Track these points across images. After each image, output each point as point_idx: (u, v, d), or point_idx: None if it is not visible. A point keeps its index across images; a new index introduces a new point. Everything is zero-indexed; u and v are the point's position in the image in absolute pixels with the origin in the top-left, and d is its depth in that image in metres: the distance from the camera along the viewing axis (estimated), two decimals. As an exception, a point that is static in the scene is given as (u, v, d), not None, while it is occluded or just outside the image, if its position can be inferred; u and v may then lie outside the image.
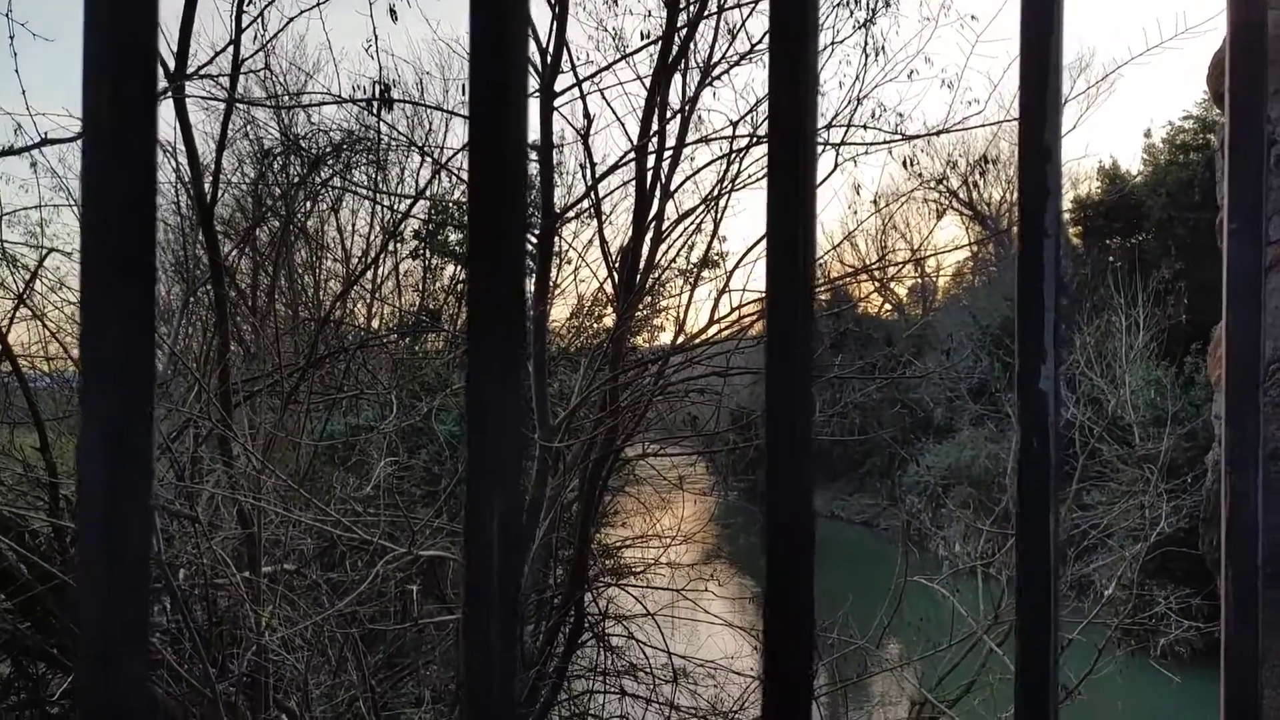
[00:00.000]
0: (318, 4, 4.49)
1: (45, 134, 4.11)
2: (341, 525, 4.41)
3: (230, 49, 4.64)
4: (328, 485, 5.77)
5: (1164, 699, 8.69)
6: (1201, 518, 1.46)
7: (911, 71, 6.49)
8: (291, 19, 4.68)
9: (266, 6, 4.53)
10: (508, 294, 0.52)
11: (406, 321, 11.04)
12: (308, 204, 10.07)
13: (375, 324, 11.03)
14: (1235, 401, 0.66)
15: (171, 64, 4.16)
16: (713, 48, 6.30)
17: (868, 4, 6.24)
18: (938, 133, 6.70)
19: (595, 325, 8.84)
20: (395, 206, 10.08)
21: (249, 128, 9.36)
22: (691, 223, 6.81)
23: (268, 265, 8.72)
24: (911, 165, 6.92)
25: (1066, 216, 21.72)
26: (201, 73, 4.64)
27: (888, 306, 24.23)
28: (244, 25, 4.50)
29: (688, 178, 6.48)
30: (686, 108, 6.07)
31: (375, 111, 5.38)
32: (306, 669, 4.13)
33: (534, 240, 5.25)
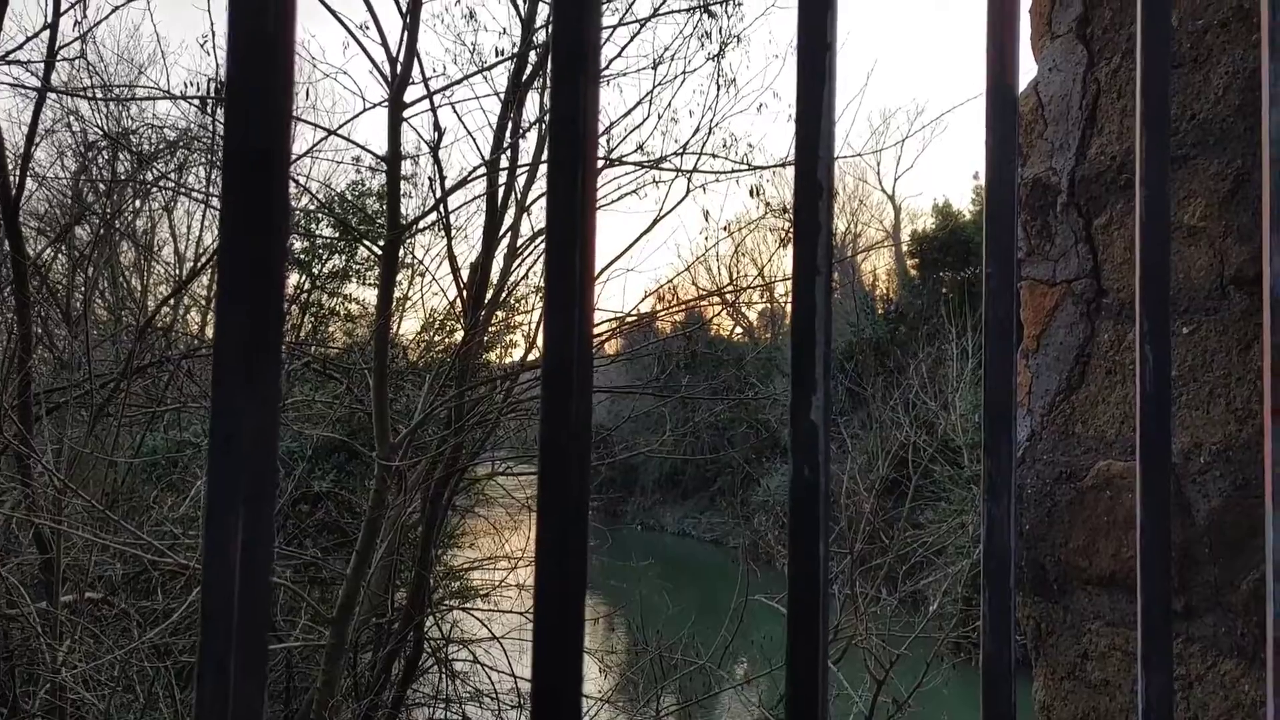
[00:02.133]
0: (146, -6, 4.22)
1: None
2: (155, 549, 4.11)
3: (45, 34, 4.30)
4: (144, 505, 5.38)
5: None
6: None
7: (760, 105, 6.74)
8: (117, 7, 4.38)
9: (88, -9, 4.22)
10: (262, 292, 0.49)
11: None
12: (136, 203, 9.43)
13: (209, 333, 10.43)
14: (991, 433, 0.71)
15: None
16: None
17: (718, 38, 6.46)
18: (783, 164, 6.98)
19: (446, 340, 8.67)
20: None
21: (71, 119, 8.69)
22: (546, 240, 6.78)
23: (86, 266, 8.08)
24: (759, 195, 7.19)
25: (905, 249, 23.06)
26: (11, 58, 4.27)
27: (739, 330, 24.96)
28: (62, 9, 4.18)
29: (542, 194, 6.48)
30: (542, 124, 6.09)
31: (210, 110, 5.10)
32: (109, 708, 3.81)
33: (378, 251, 5.10)
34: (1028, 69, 1.88)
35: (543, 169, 6.51)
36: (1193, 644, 1.25)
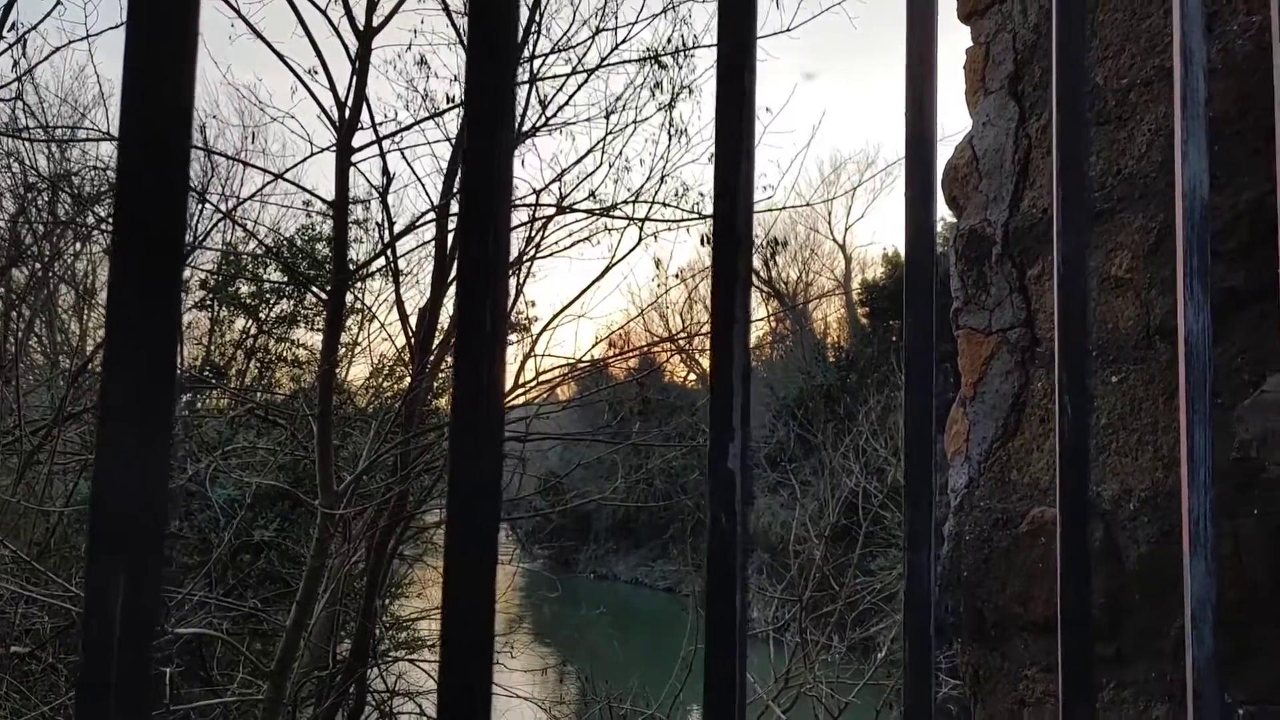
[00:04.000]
0: (87, 36, 4.19)
1: None
2: (82, 601, 3.95)
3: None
4: (77, 555, 5.18)
5: (935, 753, 9.21)
6: (941, 585, 1.58)
7: (712, 154, 6.85)
8: (57, 49, 4.34)
9: (27, 32, 4.18)
10: (156, 339, 0.48)
11: (186, 376, 10.26)
12: (77, 245, 9.24)
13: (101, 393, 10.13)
14: (913, 488, 0.71)
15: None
16: (523, 117, 6.40)
17: (670, 89, 6.59)
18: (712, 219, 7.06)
19: (395, 387, 8.58)
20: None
21: (11, 160, 8.52)
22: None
23: (22, 308, 7.86)
24: (708, 242, 7.27)
25: (856, 297, 23.46)
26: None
27: (692, 376, 25.07)
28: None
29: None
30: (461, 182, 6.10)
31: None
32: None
33: (324, 296, 5.05)
34: (964, 123, 1.94)
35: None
36: (1125, 689, 1.26)
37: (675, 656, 6.92)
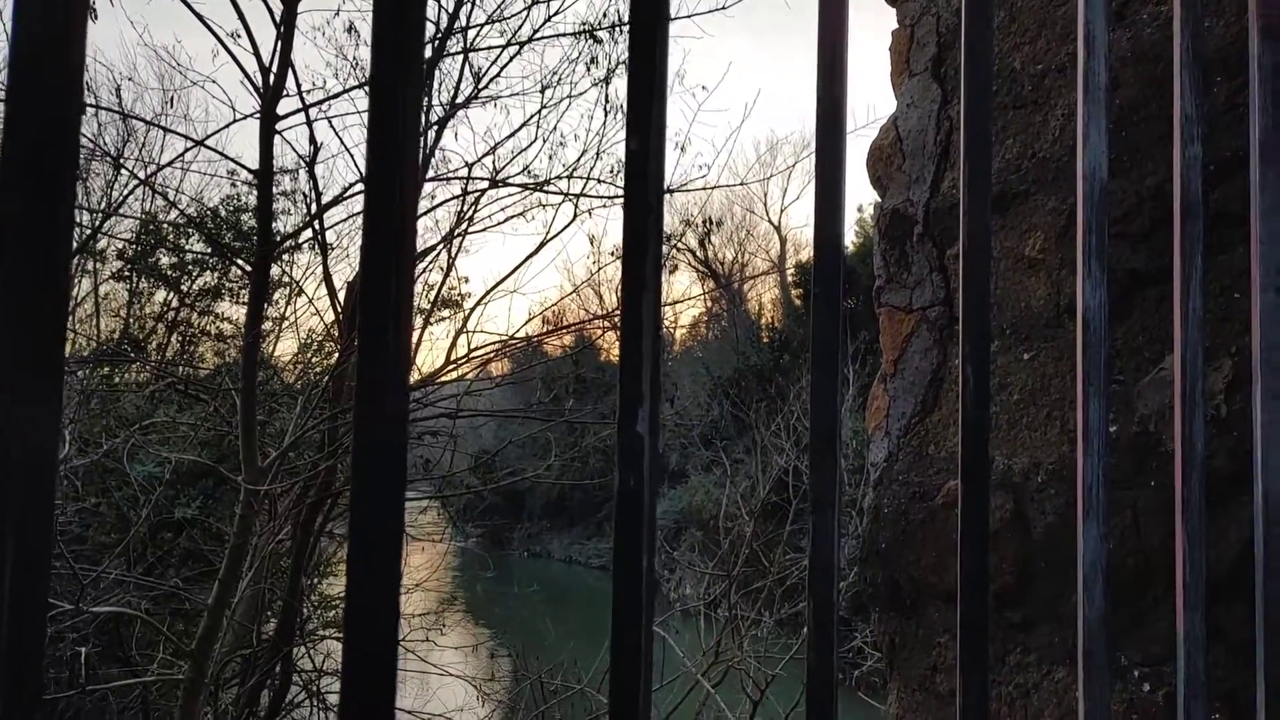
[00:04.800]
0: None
1: None
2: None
3: None
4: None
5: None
6: (860, 557, 1.63)
7: (646, 132, 6.83)
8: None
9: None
10: (39, 292, 0.47)
11: (104, 349, 9.89)
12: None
13: (65, 350, 9.78)
14: (817, 455, 0.72)
15: None
16: (457, 89, 6.30)
17: (605, 64, 6.54)
18: (669, 191, 7.09)
19: (324, 362, 8.41)
20: (93, 222, 9.07)
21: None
22: (430, 261, 6.71)
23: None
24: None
25: (790, 279, 23.75)
26: None
27: (628, 355, 25.09)
28: None
29: (424, 213, 6.39)
30: (426, 143, 6.01)
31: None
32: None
33: (248, 269, 4.91)
34: (889, 104, 1.97)
35: (427, 187, 6.45)
36: (1030, 653, 1.31)
37: (606, 632, 6.97)
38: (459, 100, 6.27)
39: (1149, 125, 1.35)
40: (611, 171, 6.73)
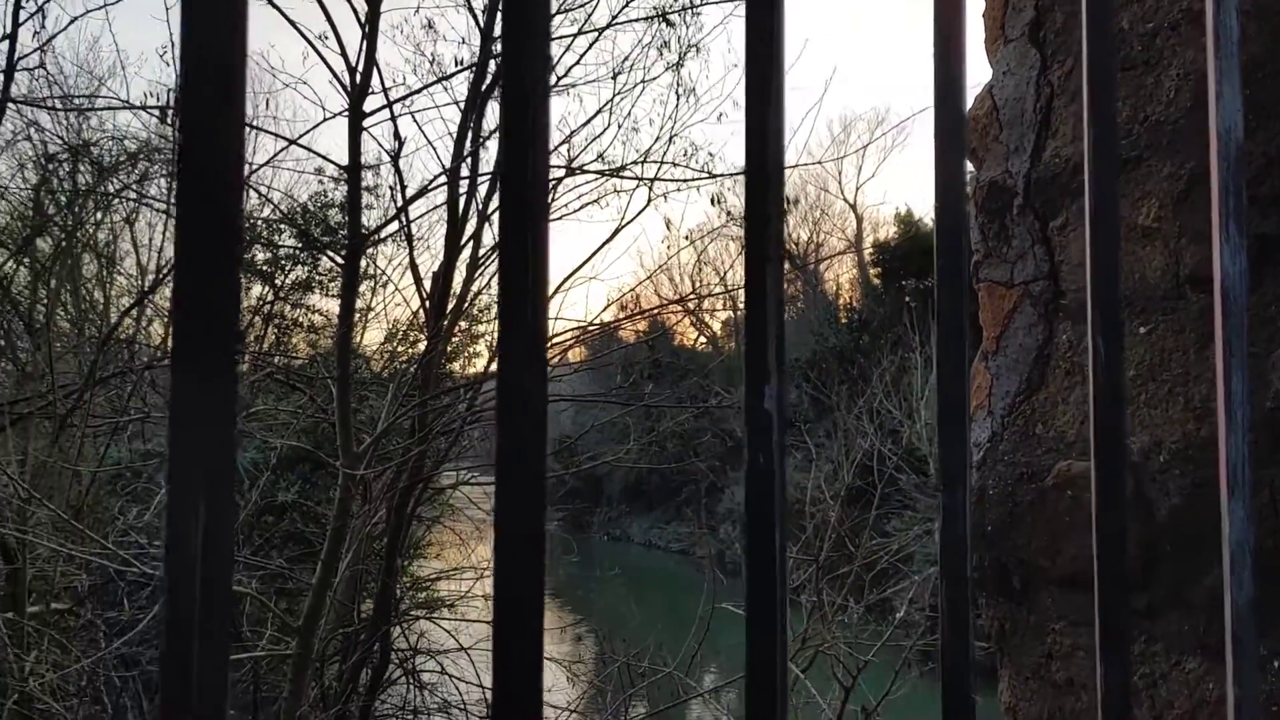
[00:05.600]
0: (104, 5, 4.16)
1: None
2: (120, 559, 4.05)
3: (4, 45, 4.22)
4: (109, 516, 5.29)
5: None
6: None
7: (721, 114, 6.80)
8: (76, 18, 4.31)
9: (46, 2, 4.16)
10: (218, 287, 0.49)
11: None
12: (98, 214, 9.28)
13: (172, 344, 10.23)
14: (946, 429, 0.71)
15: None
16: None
17: (677, 47, 6.49)
18: (744, 172, 7.01)
19: (409, 351, 8.61)
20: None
21: (31, 131, 8.53)
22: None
23: (49, 278, 7.92)
24: (720, 203, 7.22)
25: (868, 258, 23.31)
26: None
27: (703, 339, 25.05)
28: (20, 20, 4.11)
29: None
30: (496, 134, 6.08)
31: (170, 121, 5.02)
32: (79, 718, 3.75)
33: (340, 261, 5.05)
34: (983, 73, 1.91)
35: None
36: (1156, 643, 1.26)
37: (690, 617, 7.01)
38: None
39: (1275, 82, 1.27)
40: (685, 155, 6.69)
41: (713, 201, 7.18)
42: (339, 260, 5.16)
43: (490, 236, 6.54)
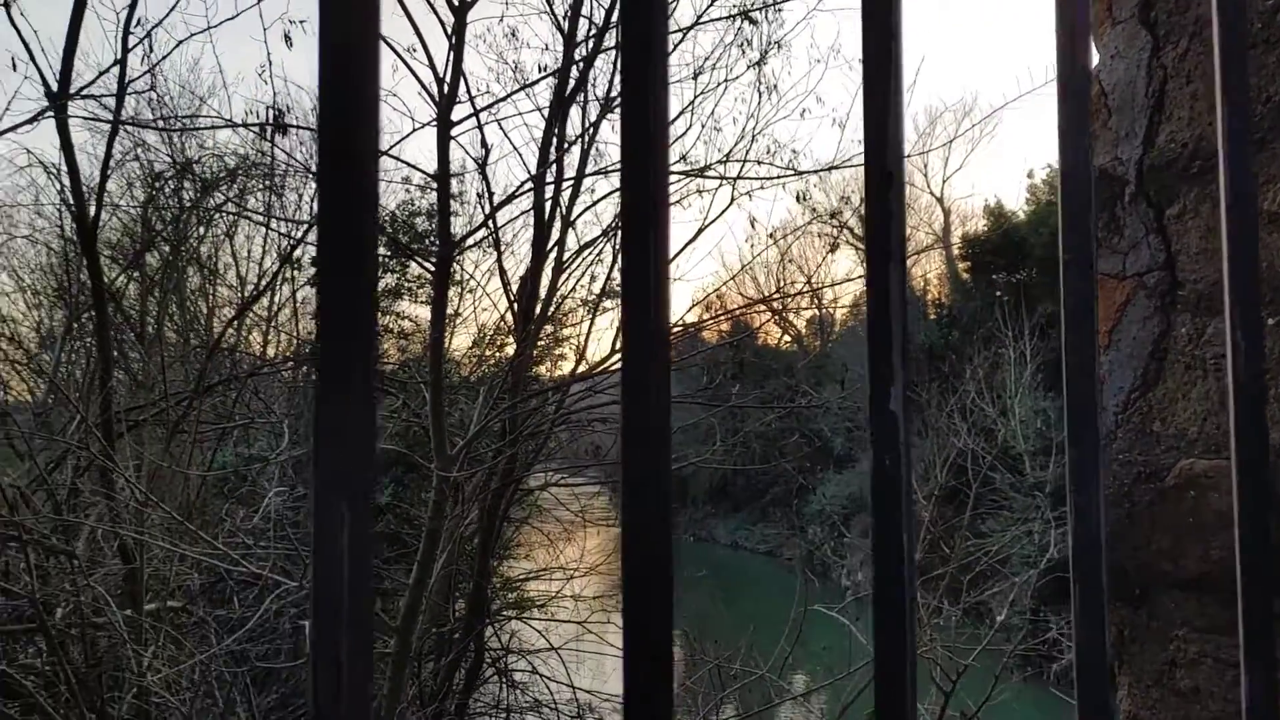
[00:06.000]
0: (208, 28, 4.37)
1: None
2: (230, 559, 4.23)
3: (116, 69, 4.46)
4: (217, 518, 5.53)
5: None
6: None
7: (804, 110, 6.72)
8: (181, 41, 4.54)
9: (154, 28, 4.39)
10: (358, 302, 0.51)
11: (303, 350, 10.71)
12: (200, 229, 9.73)
13: (270, 352, 10.68)
14: (1075, 425, 0.69)
15: (54, 83, 3.98)
16: (611, 81, 6.39)
17: (759, 45, 6.45)
18: (829, 169, 6.93)
19: (497, 354, 8.77)
20: (291, 233, 9.83)
21: (139, 150, 9.00)
22: (592, 253, 6.85)
23: (156, 291, 8.34)
24: (805, 200, 7.14)
25: (956, 252, 22.72)
26: (85, 92, 4.44)
27: (787, 338, 24.79)
28: (130, 45, 4.34)
29: (587, 208, 6.53)
30: (585, 139, 6.15)
31: (269, 137, 5.25)
32: (192, 711, 3.92)
33: (431, 268, 5.17)
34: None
35: (586, 182, 6.57)
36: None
37: (779, 619, 6.93)
38: (611, 94, 6.36)
39: None
40: (768, 152, 6.64)
41: (798, 198, 7.11)
42: (429, 267, 5.29)
43: (574, 240, 6.61)
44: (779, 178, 6.67)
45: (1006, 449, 12.79)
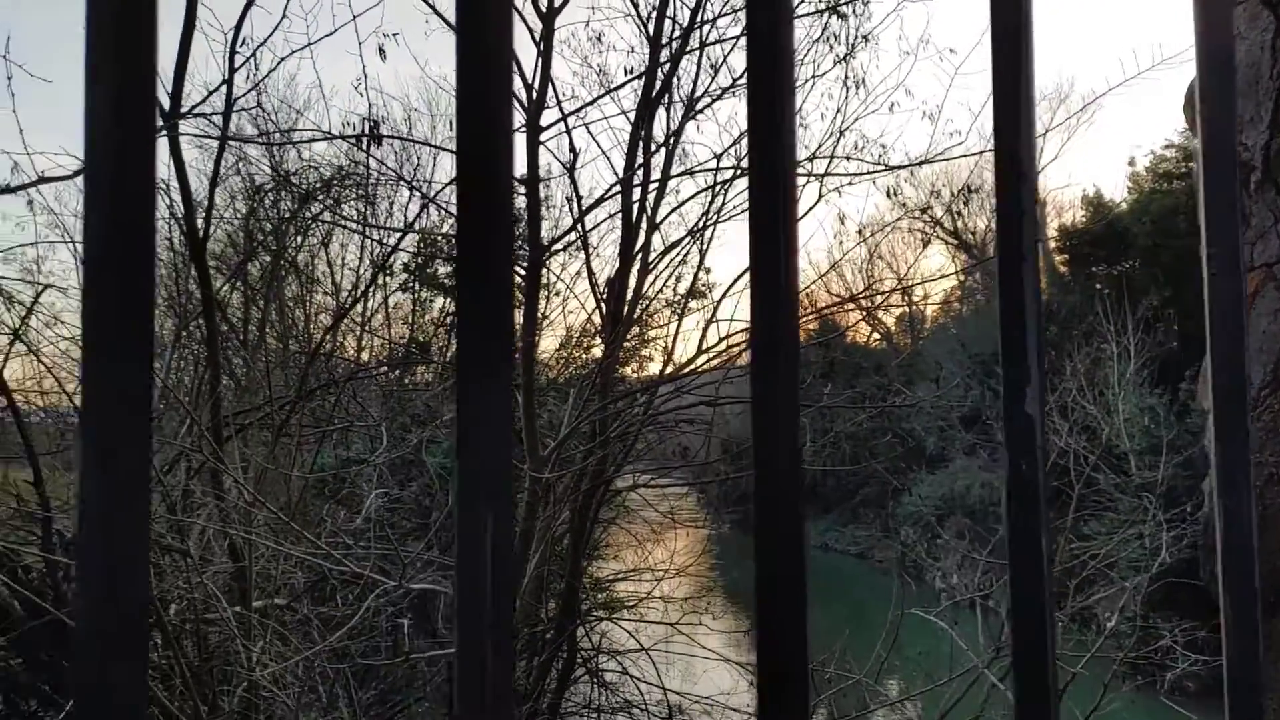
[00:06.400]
0: (308, 45, 4.54)
1: (42, 173, 4.12)
2: (332, 559, 4.38)
3: (223, 88, 4.68)
4: (318, 518, 5.74)
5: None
6: (1200, 545, 1.46)
7: (892, 104, 6.59)
8: (283, 59, 4.73)
9: (258, 48, 4.58)
10: (495, 317, 0.53)
11: (396, 354, 11.03)
12: (298, 238, 10.11)
13: (365, 356, 11.03)
14: (1223, 422, 0.67)
15: (166, 103, 4.19)
16: (695, 82, 6.38)
17: (847, 39, 6.35)
18: (920, 163, 6.78)
19: (584, 356, 8.85)
20: (384, 240, 10.12)
21: (241, 164, 9.42)
22: (678, 254, 6.86)
23: (258, 299, 8.72)
24: (895, 195, 7.00)
25: (1052, 245, 21.94)
26: (195, 111, 4.67)
27: (876, 336, 24.33)
28: (236, 65, 4.54)
29: (673, 209, 6.55)
30: (671, 141, 6.16)
31: (365, 147, 5.42)
32: (298, 706, 4.08)
33: (521, 272, 5.27)
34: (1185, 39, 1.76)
35: (672, 183, 6.57)
36: None
37: (871, 622, 6.80)
38: (698, 95, 6.36)
39: None
40: (856, 148, 6.53)
41: (887, 194, 6.97)
42: (521, 271, 5.40)
43: (659, 242, 6.63)
44: (868, 173, 6.57)
45: (1111, 448, 12.26)
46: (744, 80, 6.31)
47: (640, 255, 6.34)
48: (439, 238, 11.20)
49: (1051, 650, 0.59)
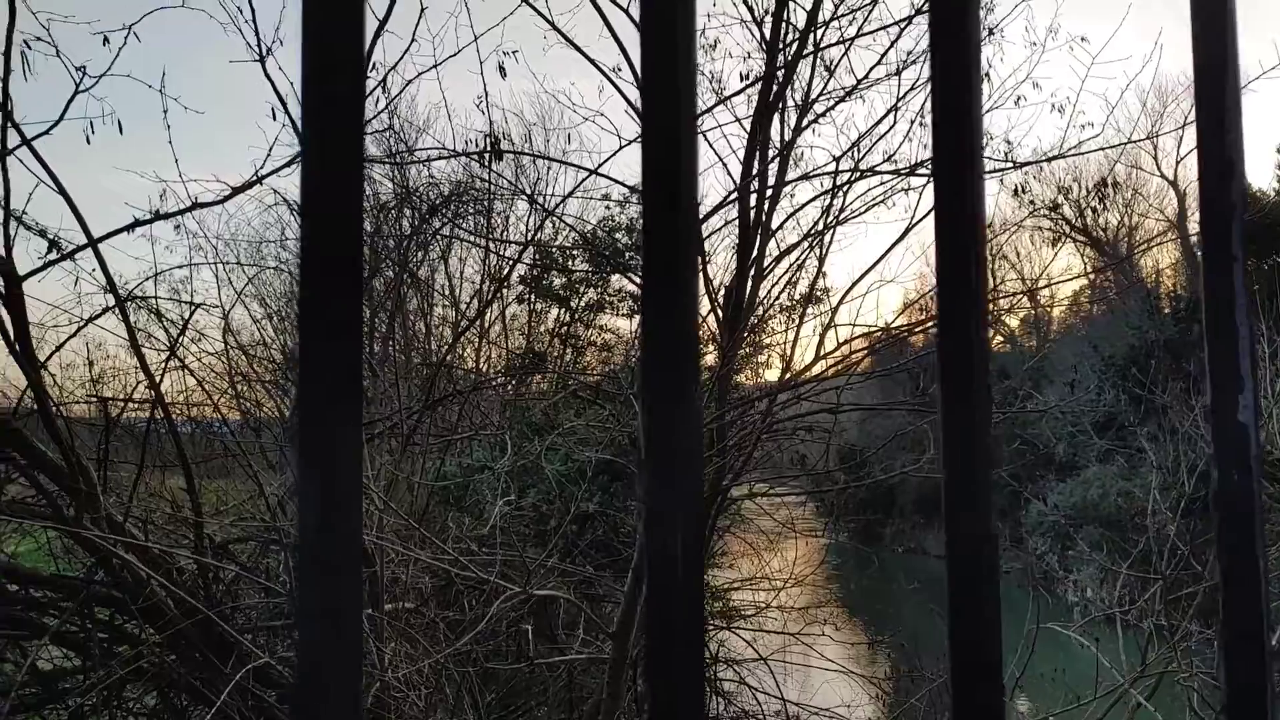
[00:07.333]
0: (434, 66, 4.71)
1: (195, 199, 4.41)
2: (458, 564, 4.51)
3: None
4: (443, 524, 5.92)
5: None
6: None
7: (1019, 98, 6.33)
8: (410, 81, 4.92)
9: (388, 72, 4.78)
10: (682, 328, 0.53)
11: (514, 364, 11.28)
12: (419, 253, 10.49)
13: (484, 367, 11.33)
14: None
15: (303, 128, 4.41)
16: (810, 85, 6.29)
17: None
18: (1049, 159, 6.48)
19: (700, 363, 8.84)
20: (503, 253, 10.38)
21: (367, 184, 9.84)
22: (795, 259, 6.78)
23: (383, 313, 9.09)
24: (1023, 193, 6.72)
25: (1194, 238, 20.63)
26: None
27: (999, 338, 23.42)
28: (368, 90, 4.75)
29: (790, 215, 6.46)
30: (786, 146, 6.09)
31: (487, 163, 5.58)
32: (427, 706, 4.21)
33: (639, 281, 5.27)
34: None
35: (786, 189, 6.50)
36: None
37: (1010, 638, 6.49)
38: (813, 98, 6.27)
39: None
40: (983, 145, 6.29)
41: (1015, 192, 6.71)
42: (638, 281, 5.43)
43: (774, 248, 6.56)
44: (992, 171, 6.33)
45: (1265, 454, 11.42)
46: (864, 83, 6.17)
47: (756, 261, 6.29)
48: (554, 250, 11.42)
49: (1272, 693, 0.55)
